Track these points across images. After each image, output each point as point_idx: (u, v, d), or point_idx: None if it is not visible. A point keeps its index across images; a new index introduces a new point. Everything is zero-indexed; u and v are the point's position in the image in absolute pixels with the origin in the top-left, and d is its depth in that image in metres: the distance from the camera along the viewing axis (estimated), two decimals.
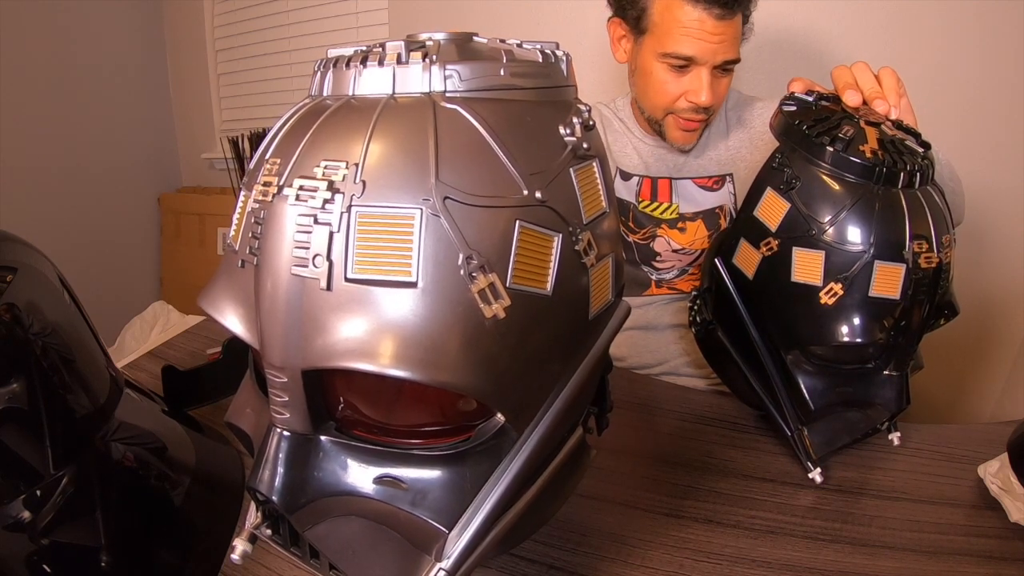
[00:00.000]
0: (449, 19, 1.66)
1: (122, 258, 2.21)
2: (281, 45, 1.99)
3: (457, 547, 0.32)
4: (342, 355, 0.27)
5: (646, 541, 0.51)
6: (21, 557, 0.40)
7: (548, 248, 0.30)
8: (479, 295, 0.27)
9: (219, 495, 0.54)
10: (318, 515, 0.32)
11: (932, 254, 0.52)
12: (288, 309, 0.28)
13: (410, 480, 0.31)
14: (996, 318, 1.24)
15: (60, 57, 1.93)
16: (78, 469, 0.42)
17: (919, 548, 0.50)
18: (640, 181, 0.98)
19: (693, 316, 0.71)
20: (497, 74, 0.31)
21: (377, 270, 0.27)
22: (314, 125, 0.29)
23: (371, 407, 0.32)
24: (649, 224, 0.97)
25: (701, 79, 0.83)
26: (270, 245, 0.28)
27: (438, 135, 0.28)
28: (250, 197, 0.31)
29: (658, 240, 0.97)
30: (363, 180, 0.27)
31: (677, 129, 0.90)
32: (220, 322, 0.31)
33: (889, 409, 0.58)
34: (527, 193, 0.29)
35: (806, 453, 0.58)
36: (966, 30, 1.14)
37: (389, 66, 0.30)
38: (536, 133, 0.32)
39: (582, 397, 0.36)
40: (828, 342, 0.55)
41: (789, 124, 0.57)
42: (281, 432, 0.30)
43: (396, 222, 0.27)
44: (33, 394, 0.40)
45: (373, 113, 0.28)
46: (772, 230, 0.56)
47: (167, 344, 0.88)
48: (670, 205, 0.96)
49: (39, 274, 0.45)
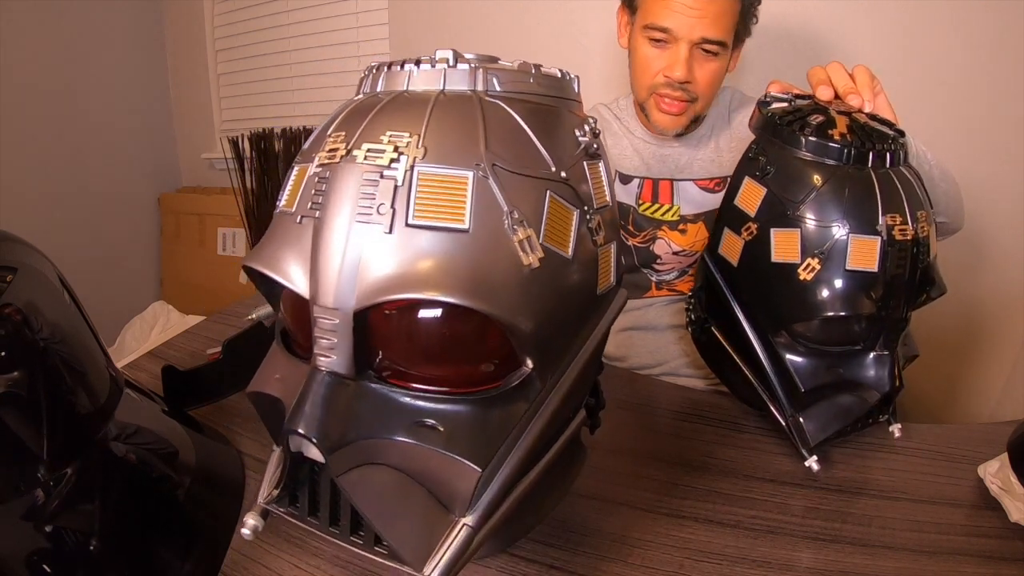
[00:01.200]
0: (450, 20, 1.66)
1: (122, 258, 2.21)
2: (281, 45, 1.99)
3: (483, 501, 0.34)
4: (399, 287, 0.31)
5: (646, 541, 0.51)
6: (21, 557, 0.40)
7: (569, 219, 0.36)
8: (519, 244, 0.33)
9: (219, 495, 0.54)
10: (353, 458, 0.33)
11: (907, 227, 0.54)
12: (348, 253, 0.31)
13: (444, 423, 0.33)
14: (995, 318, 1.24)
15: (60, 57, 1.93)
16: (78, 469, 0.42)
17: (919, 548, 0.50)
18: (641, 183, 0.97)
19: (689, 315, 0.72)
20: (527, 82, 0.37)
21: (435, 217, 0.31)
22: (374, 110, 0.35)
23: (410, 352, 0.35)
24: (649, 227, 0.97)
25: (678, 53, 0.83)
26: (335, 199, 0.32)
27: (485, 119, 0.34)
28: (309, 166, 0.35)
29: (658, 243, 0.97)
30: (424, 146, 0.32)
31: (658, 110, 0.89)
32: (271, 275, 0.34)
33: (880, 390, 0.58)
34: (555, 171, 0.36)
35: (802, 440, 0.59)
36: (968, 31, 1.14)
37: (440, 67, 0.35)
38: (558, 130, 0.38)
39: (589, 370, 0.41)
40: (810, 317, 0.56)
41: (764, 117, 0.61)
42: (325, 374, 0.33)
43: (452, 181, 0.32)
44: (33, 394, 0.40)
45: (429, 100, 0.34)
46: (751, 215, 0.59)
47: (167, 344, 0.88)
48: (671, 207, 0.96)
49: (39, 274, 0.45)
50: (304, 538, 0.50)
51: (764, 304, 0.60)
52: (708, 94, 0.89)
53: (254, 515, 0.37)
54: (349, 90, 0.41)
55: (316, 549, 0.49)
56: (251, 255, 0.36)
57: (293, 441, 0.33)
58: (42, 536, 0.41)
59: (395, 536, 0.33)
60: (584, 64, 1.48)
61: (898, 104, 0.66)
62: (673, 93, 0.86)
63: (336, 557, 0.49)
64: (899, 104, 0.66)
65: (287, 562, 0.48)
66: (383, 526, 0.34)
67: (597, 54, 1.46)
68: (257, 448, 0.62)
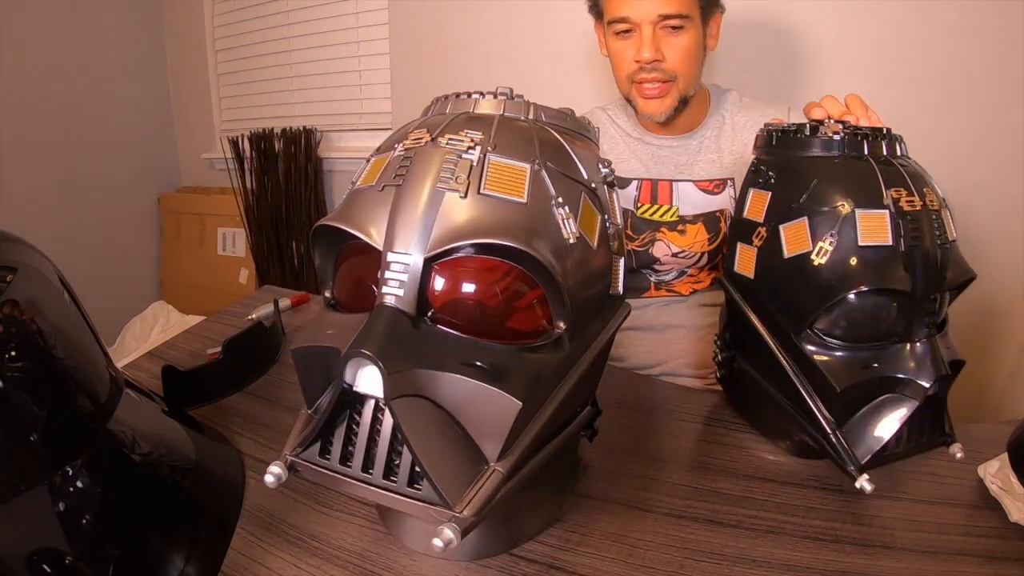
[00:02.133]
0: (449, 22, 1.66)
1: (122, 258, 2.21)
2: (281, 45, 1.99)
3: (517, 446, 0.39)
4: (470, 234, 0.38)
5: (646, 541, 0.51)
6: (21, 557, 0.40)
7: (596, 220, 0.45)
8: (562, 222, 0.41)
9: (219, 495, 0.54)
10: (406, 386, 0.37)
11: (913, 198, 0.52)
12: (426, 210, 0.38)
13: (491, 364, 0.39)
14: (996, 318, 1.24)
15: (60, 57, 1.93)
16: (77, 468, 0.42)
17: (919, 548, 0.50)
18: (639, 185, 0.97)
19: (716, 355, 0.70)
20: (565, 120, 0.48)
21: (501, 190, 0.40)
22: (449, 119, 0.43)
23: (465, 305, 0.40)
24: (648, 229, 0.97)
25: (642, 36, 0.86)
26: (419, 170, 0.40)
27: (538, 135, 0.43)
28: (389, 154, 0.42)
29: (657, 244, 0.97)
30: (494, 143, 0.41)
31: (641, 98, 0.91)
32: (347, 229, 0.40)
33: (925, 380, 0.52)
34: (587, 178, 0.45)
35: (848, 457, 0.53)
36: (971, 31, 1.14)
37: (501, 98, 0.45)
38: (588, 156, 0.47)
39: (599, 363, 0.48)
40: (830, 300, 0.53)
41: (762, 136, 0.64)
42: (391, 308, 0.38)
43: (514, 170, 0.41)
44: (32, 394, 0.40)
45: (494, 118, 0.43)
46: (760, 221, 0.59)
47: (167, 344, 0.88)
48: (670, 207, 0.96)
49: (39, 274, 0.45)
50: (304, 538, 0.51)
51: (784, 304, 0.57)
52: (686, 70, 0.89)
53: (279, 464, 0.40)
54: (349, 90, 0.42)
55: (316, 549, 0.49)
56: (325, 219, 0.42)
57: (351, 368, 0.37)
58: (42, 536, 0.41)
59: (434, 469, 0.36)
60: (585, 63, 1.48)
61: (898, 104, 0.66)
62: (649, 76, 0.88)
63: (336, 557, 0.49)
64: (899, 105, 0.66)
65: (287, 562, 0.48)
66: (425, 457, 0.36)
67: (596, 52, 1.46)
68: (257, 448, 0.62)
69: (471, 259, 0.40)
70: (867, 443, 0.54)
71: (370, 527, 0.52)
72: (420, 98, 0.50)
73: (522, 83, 1.77)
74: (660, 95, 0.89)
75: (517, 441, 0.39)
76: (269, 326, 0.83)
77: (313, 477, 0.41)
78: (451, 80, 1.69)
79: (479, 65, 1.64)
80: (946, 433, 0.56)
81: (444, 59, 1.69)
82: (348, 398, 0.39)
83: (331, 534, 0.51)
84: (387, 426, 0.39)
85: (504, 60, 1.61)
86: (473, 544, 0.48)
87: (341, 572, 0.47)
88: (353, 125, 1.93)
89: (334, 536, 0.51)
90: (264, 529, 0.52)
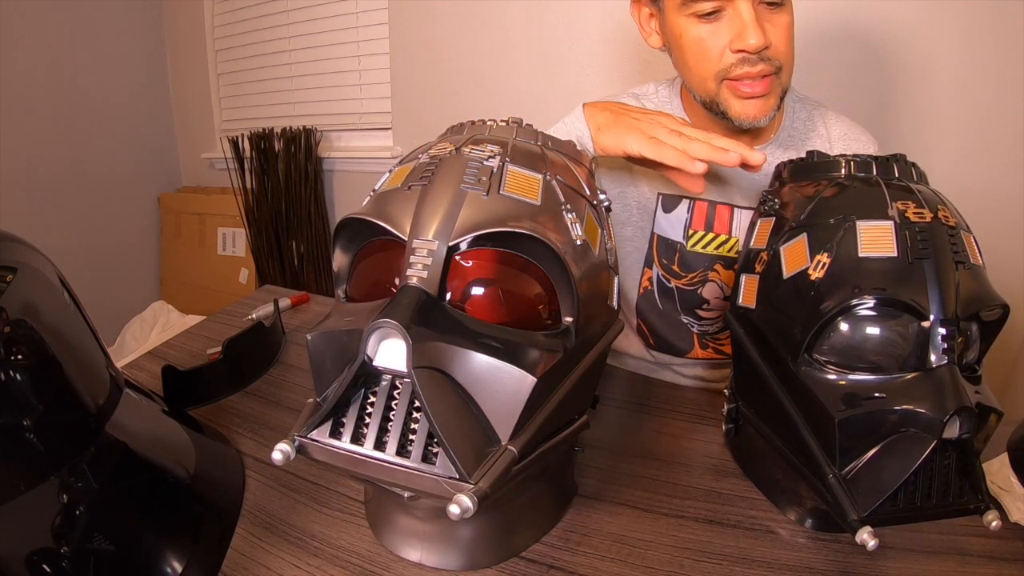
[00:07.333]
0: (449, 21, 1.66)
1: (122, 258, 2.21)
2: (281, 45, 1.99)
3: (529, 427, 0.41)
4: (492, 224, 0.41)
5: (646, 541, 0.51)
6: (21, 557, 0.40)
7: (597, 232, 0.49)
8: (571, 224, 0.45)
9: (219, 495, 0.54)
10: (428, 357, 0.38)
11: (923, 211, 0.47)
12: (450, 205, 0.42)
13: (507, 345, 0.41)
14: None
15: (60, 57, 1.93)
16: (77, 468, 0.42)
17: (919, 548, 0.50)
18: (691, 207, 0.79)
19: (723, 408, 0.64)
20: (573, 150, 0.53)
21: (519, 191, 0.44)
22: (468, 137, 0.48)
23: (482, 293, 0.43)
24: (700, 267, 0.79)
25: (742, 15, 0.64)
26: (444, 173, 0.44)
27: (546, 156, 0.48)
28: (415, 162, 0.46)
29: (708, 286, 0.80)
30: (512, 155, 0.46)
31: (736, 98, 0.69)
32: (374, 220, 0.43)
33: (939, 410, 0.43)
34: (590, 195, 0.51)
35: (850, 502, 0.45)
36: (971, 32, 1.14)
37: (513, 125, 0.50)
38: (588, 181, 0.52)
39: (596, 368, 0.51)
40: (826, 315, 0.47)
41: (774, 173, 0.61)
42: (416, 287, 0.40)
43: (529, 178, 0.45)
44: (32, 394, 0.40)
45: (509, 139, 0.48)
46: (763, 246, 0.56)
47: (167, 344, 0.88)
48: (728, 238, 0.77)
49: (39, 274, 0.45)
50: (304, 538, 0.51)
51: (782, 328, 0.51)
52: (790, 58, 0.69)
53: (288, 442, 0.40)
54: (349, 90, 0.42)
55: (316, 549, 0.49)
56: (351, 213, 0.45)
57: (374, 340, 0.38)
58: (42, 536, 0.41)
59: (452, 441, 0.37)
60: (584, 62, 1.48)
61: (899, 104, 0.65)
62: (753, 69, 0.66)
63: (336, 557, 0.49)
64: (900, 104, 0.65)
65: (287, 562, 0.48)
66: (443, 428, 0.37)
67: (595, 51, 1.46)
68: (257, 448, 0.62)
69: (490, 251, 0.43)
70: (874, 491, 0.45)
71: (370, 527, 0.52)
72: (420, 98, 0.50)
73: (522, 83, 1.78)
74: (764, 92, 0.68)
75: (529, 422, 0.41)
76: (269, 326, 0.83)
77: (323, 456, 0.40)
78: (450, 80, 1.70)
79: (479, 65, 1.64)
80: (979, 498, 0.45)
81: (444, 59, 1.69)
82: (363, 377, 0.40)
83: (331, 534, 0.51)
84: (403, 402, 0.40)
85: (504, 60, 1.61)
86: (469, 554, 0.48)
87: (341, 572, 0.47)
88: (353, 125, 1.93)
89: (334, 536, 0.51)
90: (264, 529, 0.52)
